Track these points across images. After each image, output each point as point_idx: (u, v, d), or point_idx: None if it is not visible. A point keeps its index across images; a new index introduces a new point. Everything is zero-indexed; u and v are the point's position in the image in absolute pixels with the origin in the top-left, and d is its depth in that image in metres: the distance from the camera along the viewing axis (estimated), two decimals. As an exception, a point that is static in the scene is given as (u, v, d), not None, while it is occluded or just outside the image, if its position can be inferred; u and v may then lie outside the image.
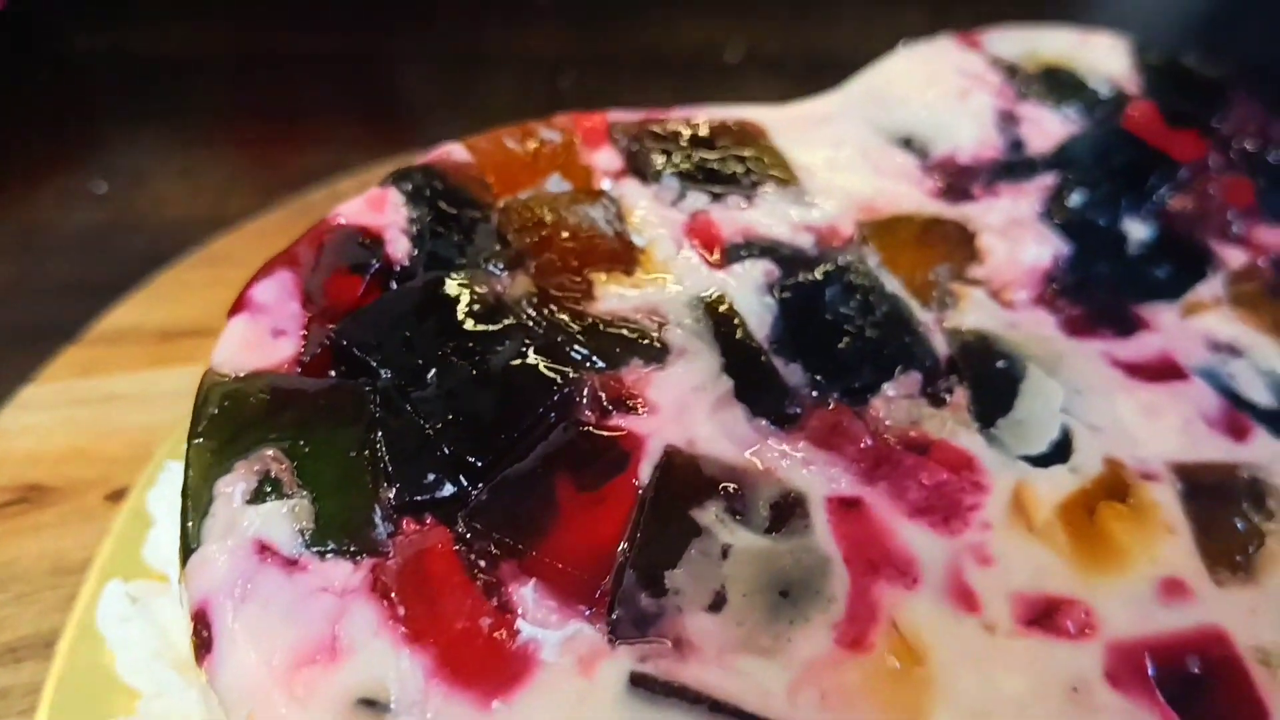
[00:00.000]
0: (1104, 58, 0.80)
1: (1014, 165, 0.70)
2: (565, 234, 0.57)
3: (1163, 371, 0.59)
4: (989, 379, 0.56)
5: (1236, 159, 0.75)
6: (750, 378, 0.53)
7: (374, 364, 0.51)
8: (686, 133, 0.64)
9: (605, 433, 0.50)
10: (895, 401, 0.54)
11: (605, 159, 0.63)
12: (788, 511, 0.48)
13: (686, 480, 0.48)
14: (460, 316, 0.53)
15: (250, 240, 0.88)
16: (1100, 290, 0.62)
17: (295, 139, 1.07)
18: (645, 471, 0.48)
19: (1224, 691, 0.45)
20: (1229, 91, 0.81)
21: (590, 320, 0.54)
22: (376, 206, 0.58)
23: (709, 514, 0.47)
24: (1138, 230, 0.67)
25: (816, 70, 1.06)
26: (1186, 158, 0.74)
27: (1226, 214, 0.71)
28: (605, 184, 0.62)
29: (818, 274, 0.58)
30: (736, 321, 0.55)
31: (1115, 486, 0.53)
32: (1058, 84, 0.77)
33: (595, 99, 1.21)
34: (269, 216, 0.92)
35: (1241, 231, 0.69)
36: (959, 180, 0.68)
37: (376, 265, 0.55)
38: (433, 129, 1.09)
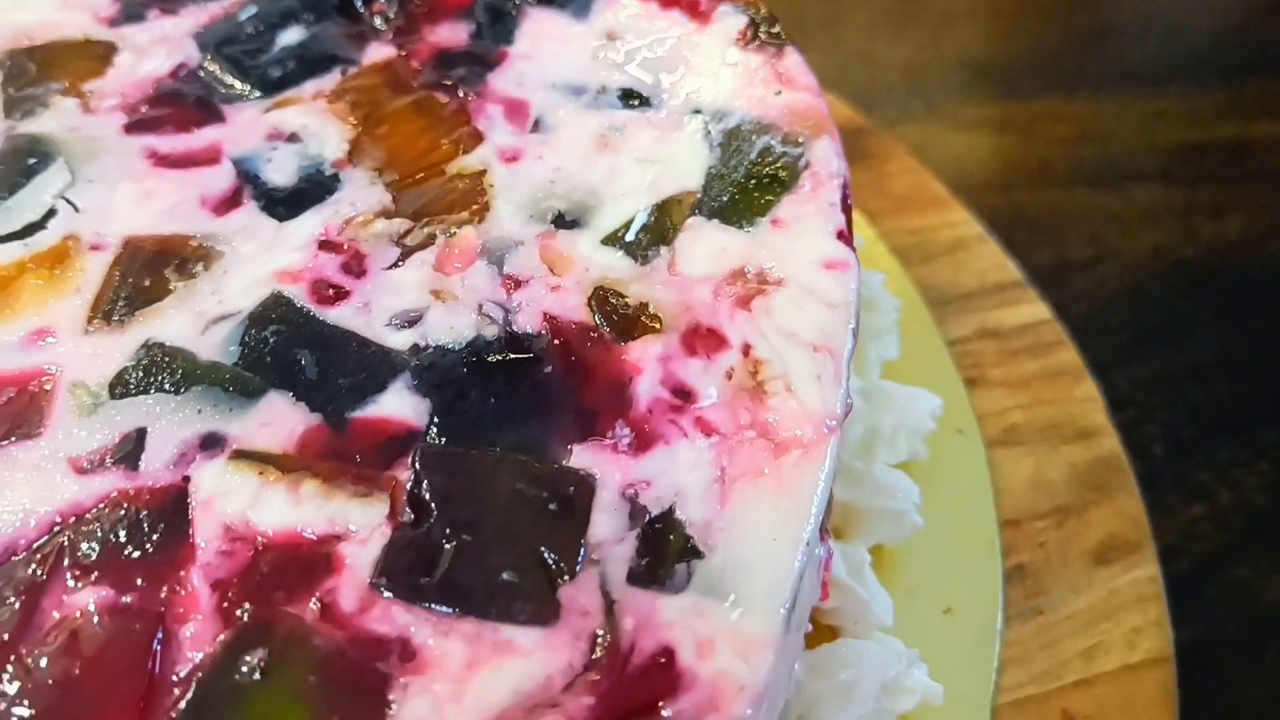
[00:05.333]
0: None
1: (217, -15, 0.76)
2: None
3: (195, 160, 0.65)
4: (11, 179, 0.64)
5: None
6: None
7: None
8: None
9: None
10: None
11: None
12: None
13: None
14: None
15: None
16: (194, 93, 0.69)
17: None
18: None
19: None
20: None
21: None
22: None
23: None
24: (291, 36, 0.72)
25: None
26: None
27: (422, 17, 0.74)
28: None
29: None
30: None
31: (57, 257, 0.61)
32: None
33: None
34: None
35: (423, 33, 0.73)
36: (139, 5, 0.74)
37: None
38: None
